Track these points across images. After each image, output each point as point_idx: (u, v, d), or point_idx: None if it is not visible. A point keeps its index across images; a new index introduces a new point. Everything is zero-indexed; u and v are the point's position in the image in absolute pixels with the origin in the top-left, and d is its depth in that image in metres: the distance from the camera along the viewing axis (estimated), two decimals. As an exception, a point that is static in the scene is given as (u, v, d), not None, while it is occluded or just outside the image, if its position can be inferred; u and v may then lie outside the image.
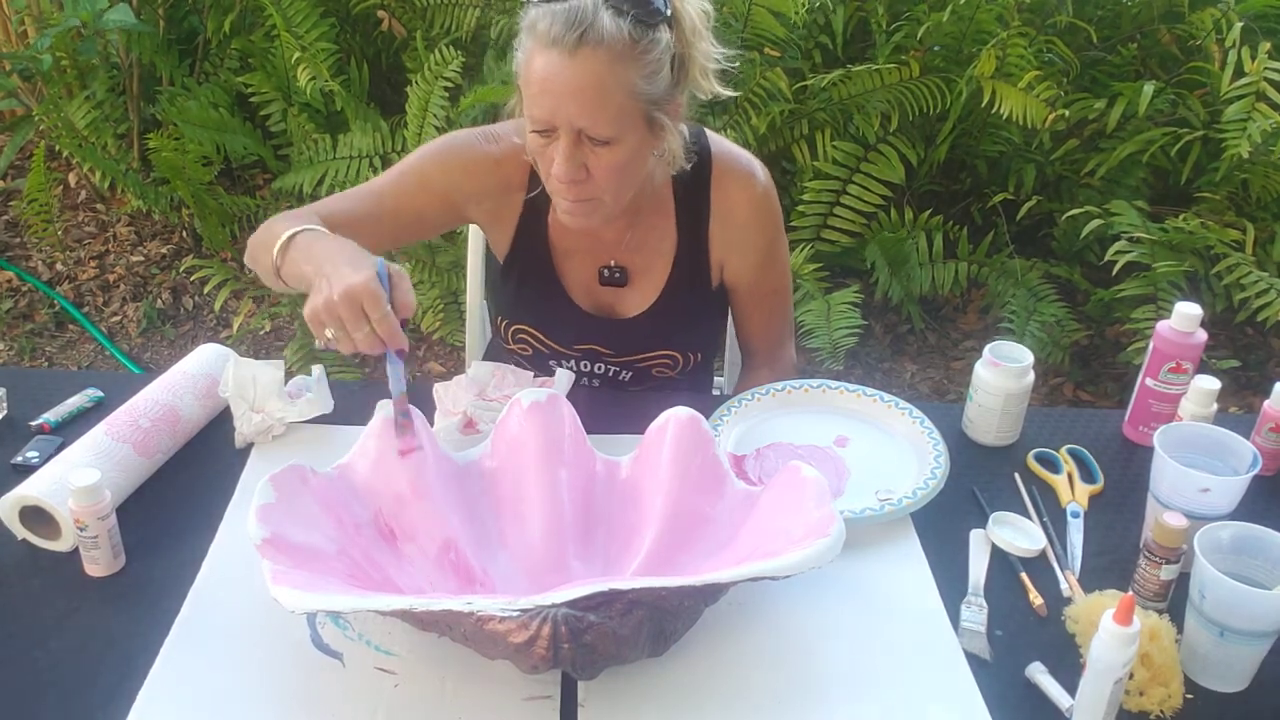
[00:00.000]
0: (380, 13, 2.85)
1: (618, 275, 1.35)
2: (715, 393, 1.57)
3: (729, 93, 1.24)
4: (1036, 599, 1.06)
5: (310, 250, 1.09)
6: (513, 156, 1.29)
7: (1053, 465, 1.26)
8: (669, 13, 1.14)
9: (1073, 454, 1.28)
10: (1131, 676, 0.94)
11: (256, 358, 1.25)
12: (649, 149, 1.20)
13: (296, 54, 2.60)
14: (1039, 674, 0.98)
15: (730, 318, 1.48)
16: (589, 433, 1.13)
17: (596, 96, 1.11)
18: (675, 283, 1.35)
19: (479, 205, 1.33)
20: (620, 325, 1.37)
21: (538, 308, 1.36)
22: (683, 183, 1.31)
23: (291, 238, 1.11)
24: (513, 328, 1.37)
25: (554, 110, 1.12)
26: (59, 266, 3.00)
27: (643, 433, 1.12)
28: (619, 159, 1.16)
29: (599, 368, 1.39)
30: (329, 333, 1.00)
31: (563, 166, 1.15)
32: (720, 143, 1.33)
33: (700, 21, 1.17)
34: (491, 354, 1.54)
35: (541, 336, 1.36)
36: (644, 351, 1.37)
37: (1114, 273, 2.42)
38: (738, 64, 1.19)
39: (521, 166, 1.30)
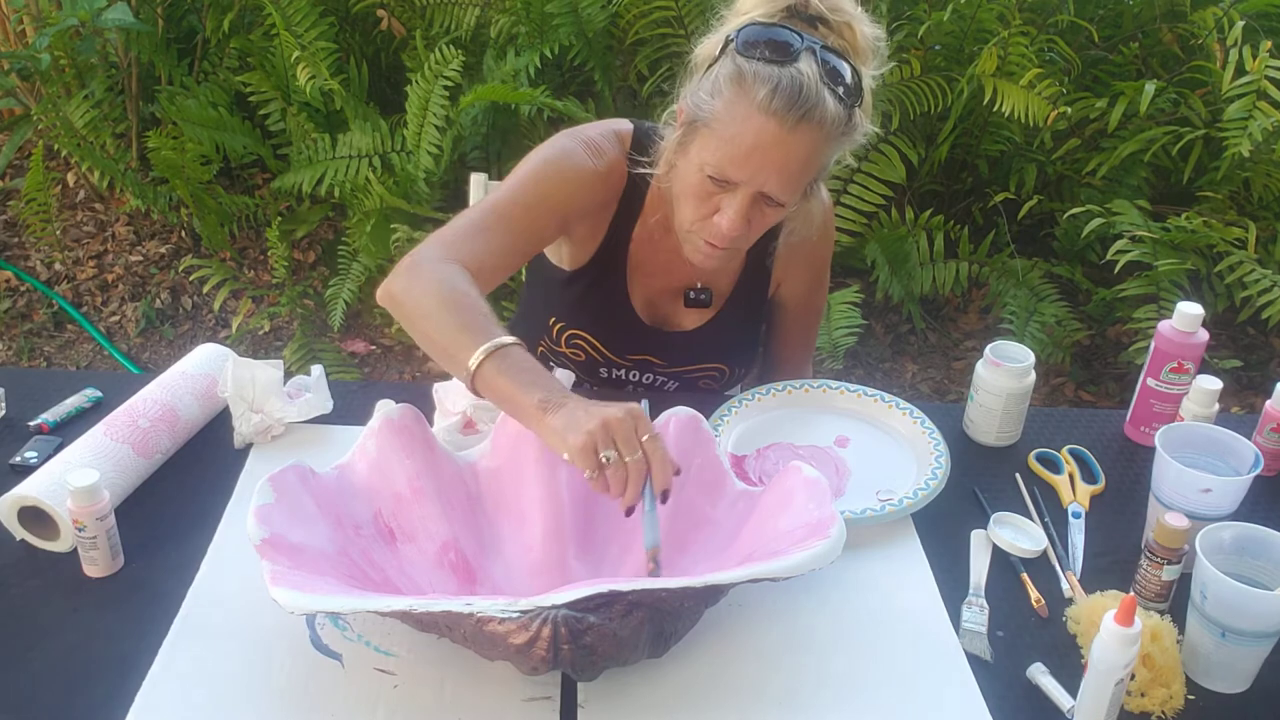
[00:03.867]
0: (380, 12, 2.85)
1: (704, 297, 1.35)
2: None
3: (854, 162, 1.22)
4: (1038, 600, 1.06)
5: (528, 378, 1.02)
6: (614, 171, 1.27)
7: (1054, 465, 1.26)
8: (862, 94, 1.13)
9: (1074, 454, 1.28)
10: (1133, 677, 0.94)
11: (255, 358, 1.25)
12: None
13: (296, 53, 2.60)
14: (1040, 675, 0.97)
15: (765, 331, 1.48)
16: (589, 433, 1.12)
17: (801, 171, 1.11)
18: (736, 299, 1.37)
19: (583, 220, 1.30)
20: (677, 338, 1.37)
21: (600, 318, 1.35)
22: None
23: (490, 355, 1.03)
24: (568, 333, 1.35)
25: (754, 174, 1.10)
26: (57, 266, 3.00)
27: (643, 433, 1.11)
28: (779, 217, 1.18)
29: (647, 377, 1.39)
30: (606, 456, 0.95)
31: (735, 223, 1.13)
32: None
33: (870, 101, 1.16)
34: (525, 326, 1.47)
35: (599, 344, 1.36)
36: (696, 363, 1.38)
37: (1115, 272, 2.42)
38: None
39: (619, 181, 1.28)
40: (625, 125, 1.29)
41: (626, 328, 1.35)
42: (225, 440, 1.23)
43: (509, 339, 1.05)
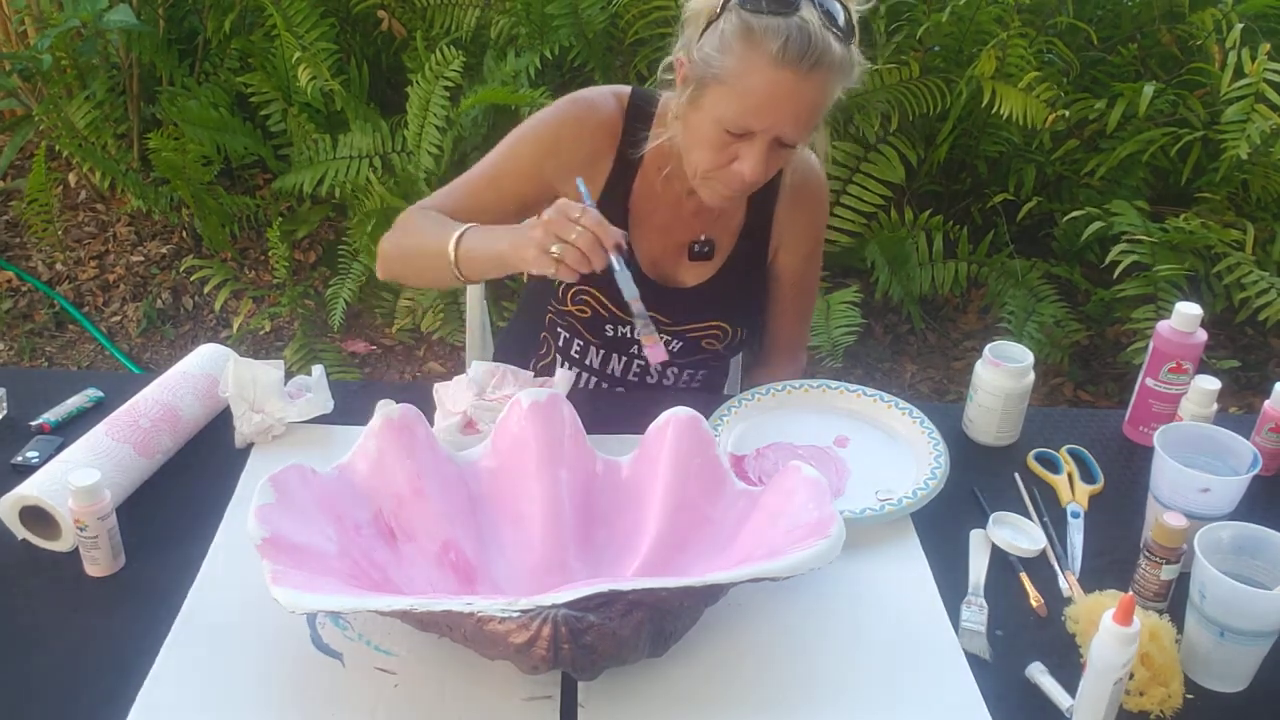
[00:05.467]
0: (380, 13, 2.85)
1: (707, 249, 1.38)
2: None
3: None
4: (1036, 599, 1.06)
5: (492, 231, 1.20)
6: (607, 125, 1.32)
7: (1053, 465, 1.26)
8: (855, 33, 1.18)
9: (1073, 454, 1.28)
10: (1131, 676, 0.94)
11: (256, 358, 1.25)
12: None
13: (297, 54, 2.60)
14: (1039, 674, 0.98)
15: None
16: (589, 433, 1.13)
17: (814, 114, 1.17)
18: (736, 257, 1.40)
19: (569, 174, 1.32)
20: (679, 294, 1.39)
21: (606, 275, 1.37)
22: None
23: (461, 235, 1.20)
24: (575, 289, 1.37)
25: (773, 123, 1.16)
26: (59, 266, 3.00)
27: (643, 433, 1.12)
28: (791, 157, 1.26)
29: None
30: (554, 249, 1.09)
31: (759, 169, 1.19)
32: None
33: (856, 32, 1.21)
34: (525, 324, 1.52)
35: (604, 300, 1.37)
36: (698, 321, 1.39)
37: (1115, 274, 2.42)
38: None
39: (612, 136, 1.33)
40: (624, 88, 1.35)
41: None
42: (226, 440, 1.23)
43: (467, 225, 1.21)
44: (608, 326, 1.39)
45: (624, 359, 1.42)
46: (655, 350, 1.14)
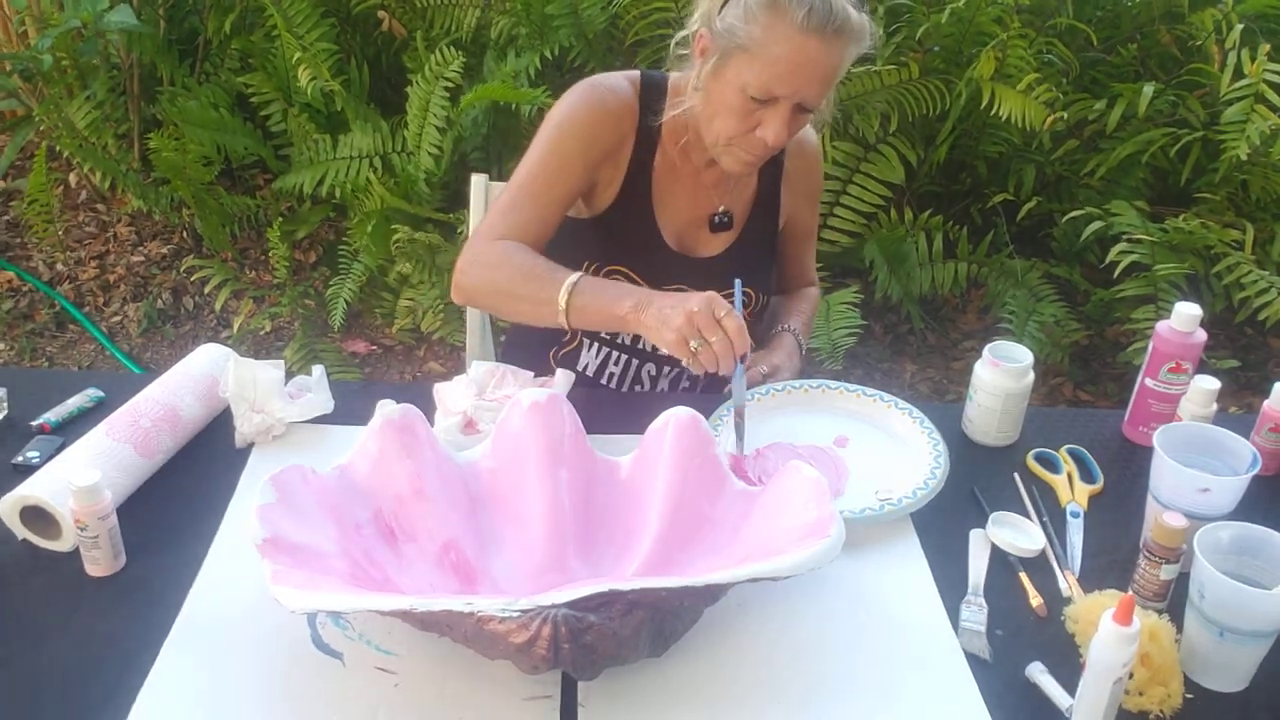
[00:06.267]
0: (380, 13, 2.85)
1: (726, 220, 1.43)
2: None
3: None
4: (1036, 599, 1.06)
5: (609, 290, 1.23)
6: (627, 107, 1.36)
7: (1052, 465, 1.26)
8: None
9: (1072, 454, 1.28)
10: (1131, 676, 0.94)
11: (257, 358, 1.25)
12: None
13: (297, 54, 2.60)
14: (1039, 674, 0.98)
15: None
16: (589, 433, 1.13)
17: (834, 78, 1.24)
18: (751, 224, 1.46)
19: (606, 161, 1.37)
20: (702, 264, 1.43)
21: (635, 251, 1.41)
22: None
23: (575, 285, 1.23)
24: (606, 269, 1.39)
25: (798, 88, 1.21)
26: (59, 266, 3.00)
27: (643, 433, 1.12)
28: (809, 121, 1.31)
29: None
30: (694, 344, 1.13)
31: (782, 133, 1.24)
32: None
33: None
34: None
35: (636, 278, 1.39)
36: (723, 289, 1.40)
37: (1115, 274, 2.42)
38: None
39: (632, 117, 1.36)
40: (633, 72, 1.39)
41: (658, 258, 1.41)
42: (227, 440, 1.23)
43: (577, 274, 1.24)
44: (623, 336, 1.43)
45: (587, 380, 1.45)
46: (734, 455, 1.19)
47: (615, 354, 1.44)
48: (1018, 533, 1.15)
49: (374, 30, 2.94)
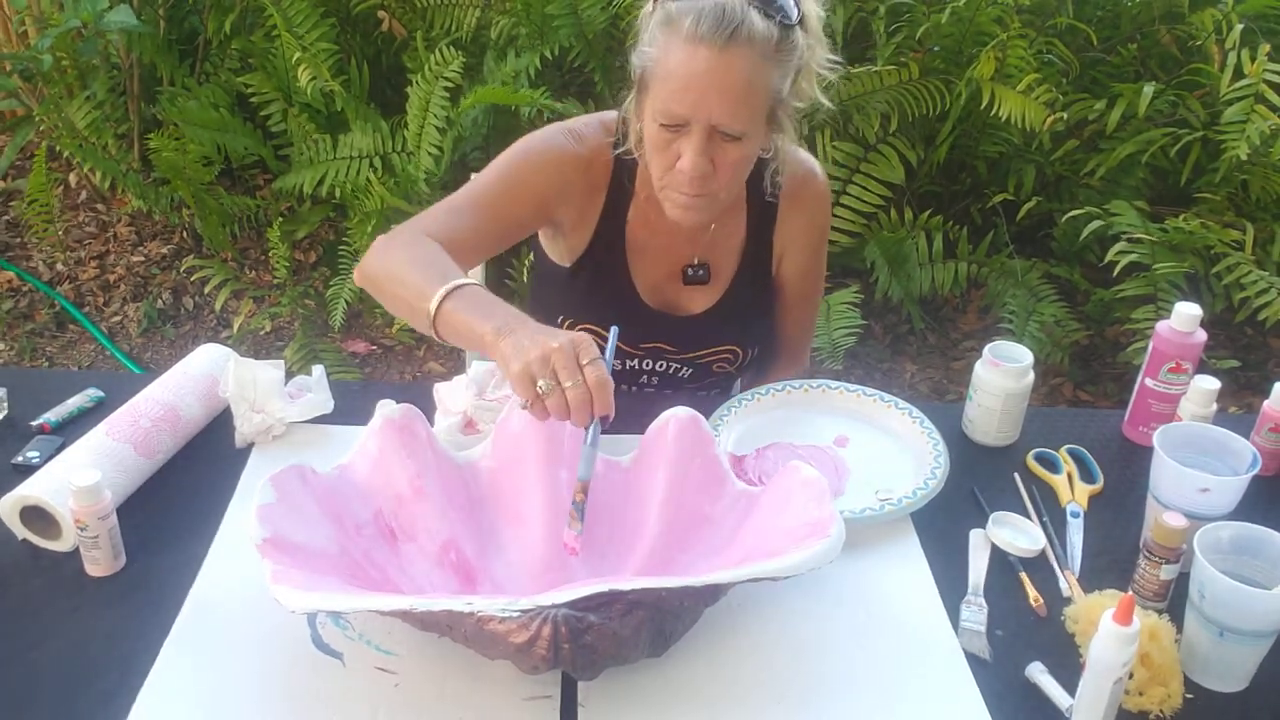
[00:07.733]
0: (380, 13, 2.85)
1: (701, 273, 1.35)
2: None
3: (827, 103, 1.25)
4: (1036, 599, 1.06)
5: (483, 306, 1.06)
6: (599, 156, 1.30)
7: (1052, 465, 1.26)
8: (801, 16, 1.15)
9: (1072, 454, 1.28)
10: (1131, 676, 0.94)
11: (257, 358, 1.25)
12: (760, 147, 1.22)
13: (297, 54, 2.60)
14: (1039, 674, 0.98)
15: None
16: (589, 433, 1.13)
17: (742, 94, 1.12)
18: (741, 278, 1.37)
19: (567, 206, 1.32)
20: (686, 322, 1.37)
21: (607, 306, 1.35)
22: (754, 178, 1.30)
23: (450, 292, 1.07)
24: (579, 327, 1.34)
25: (696, 105, 1.12)
26: (59, 266, 3.00)
27: (643, 433, 1.12)
28: (743, 154, 1.18)
29: (660, 365, 1.39)
30: (542, 384, 0.95)
31: (694, 160, 1.14)
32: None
33: (818, 27, 1.19)
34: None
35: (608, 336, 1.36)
36: (708, 347, 1.38)
37: (1114, 273, 2.42)
38: (841, 75, 1.24)
39: (605, 166, 1.31)
40: (612, 114, 1.32)
41: (634, 314, 1.35)
42: (227, 440, 1.23)
43: (468, 280, 1.08)
44: (614, 361, 1.39)
45: (634, 389, 1.42)
46: (568, 543, 1.01)
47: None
48: (1018, 533, 1.15)
49: (374, 30, 2.93)
